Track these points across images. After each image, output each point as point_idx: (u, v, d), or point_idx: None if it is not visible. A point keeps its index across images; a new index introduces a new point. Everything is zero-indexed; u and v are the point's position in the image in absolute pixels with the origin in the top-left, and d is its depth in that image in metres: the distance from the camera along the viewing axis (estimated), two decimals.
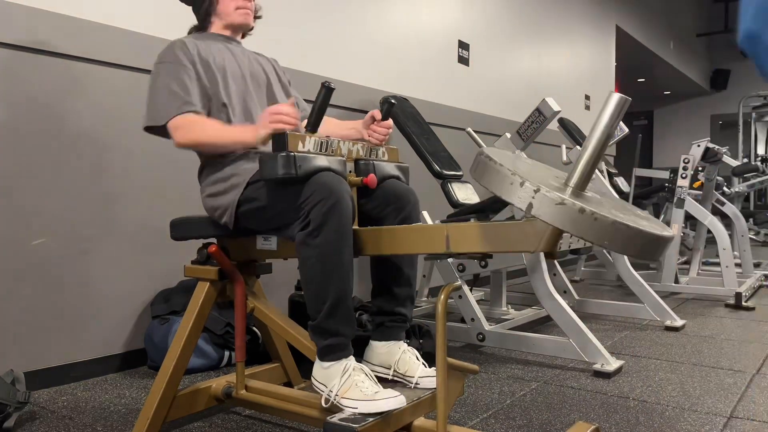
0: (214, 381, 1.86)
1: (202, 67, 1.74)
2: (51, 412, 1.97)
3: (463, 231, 1.37)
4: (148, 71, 2.47)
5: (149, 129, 1.73)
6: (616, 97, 1.12)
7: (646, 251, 1.07)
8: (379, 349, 1.64)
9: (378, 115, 1.77)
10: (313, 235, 1.43)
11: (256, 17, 1.91)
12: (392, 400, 1.39)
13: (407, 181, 1.75)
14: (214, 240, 1.78)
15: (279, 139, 1.48)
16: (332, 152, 1.57)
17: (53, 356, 2.23)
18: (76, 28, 2.25)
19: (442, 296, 1.29)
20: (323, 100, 1.54)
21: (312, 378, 1.50)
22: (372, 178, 1.60)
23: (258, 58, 1.94)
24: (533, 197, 1.06)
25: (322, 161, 1.50)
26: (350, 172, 1.62)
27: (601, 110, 1.13)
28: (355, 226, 1.55)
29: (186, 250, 2.59)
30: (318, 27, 3.28)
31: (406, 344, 1.66)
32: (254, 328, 2.51)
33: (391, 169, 1.71)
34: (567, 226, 1.05)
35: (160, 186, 2.54)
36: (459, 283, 1.33)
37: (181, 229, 1.82)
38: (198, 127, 1.67)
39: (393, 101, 1.74)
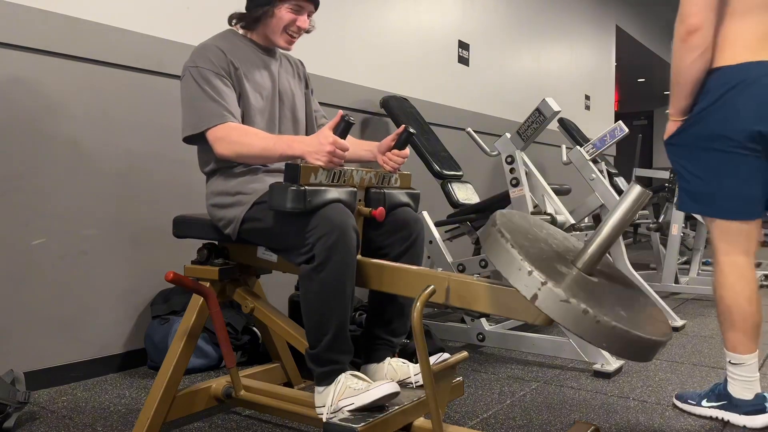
0: (214, 381, 1.86)
1: (234, 78, 1.71)
2: (51, 412, 1.97)
3: (466, 287, 1.34)
4: (149, 72, 2.51)
5: (188, 138, 1.69)
6: (637, 189, 1.11)
7: (642, 355, 1.09)
8: (367, 371, 1.67)
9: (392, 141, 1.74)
10: (318, 270, 1.44)
11: (306, 32, 1.84)
12: (386, 386, 1.40)
13: (416, 208, 1.75)
14: (215, 241, 1.78)
15: (292, 169, 1.45)
16: (344, 182, 1.55)
17: (53, 356, 2.23)
18: (78, 29, 2.25)
19: (418, 304, 1.28)
20: (341, 133, 1.52)
21: (316, 409, 1.51)
22: (381, 212, 1.60)
23: (287, 71, 1.90)
24: (539, 289, 1.06)
25: (332, 194, 1.49)
26: (360, 201, 1.61)
27: (620, 199, 1.12)
28: (359, 256, 1.54)
29: (186, 249, 2.59)
30: (318, 26, 3.27)
31: (389, 357, 1.69)
32: (254, 328, 2.51)
33: (401, 196, 1.71)
34: (568, 325, 1.06)
35: (160, 186, 2.54)
36: (433, 287, 1.32)
37: (184, 228, 1.82)
38: (241, 139, 1.62)
39: (412, 131, 1.71)
